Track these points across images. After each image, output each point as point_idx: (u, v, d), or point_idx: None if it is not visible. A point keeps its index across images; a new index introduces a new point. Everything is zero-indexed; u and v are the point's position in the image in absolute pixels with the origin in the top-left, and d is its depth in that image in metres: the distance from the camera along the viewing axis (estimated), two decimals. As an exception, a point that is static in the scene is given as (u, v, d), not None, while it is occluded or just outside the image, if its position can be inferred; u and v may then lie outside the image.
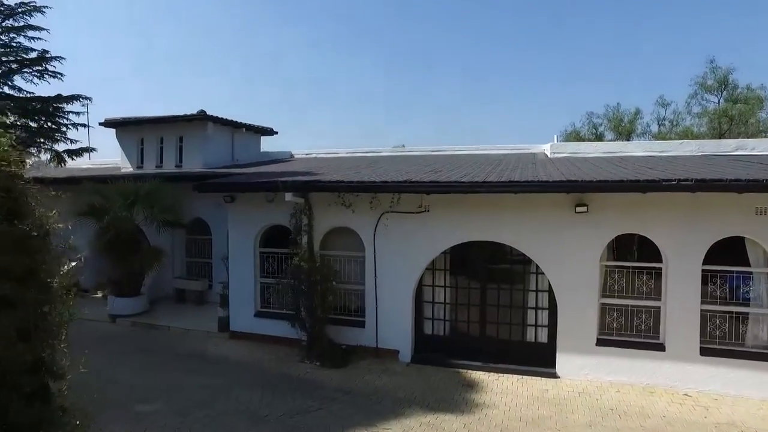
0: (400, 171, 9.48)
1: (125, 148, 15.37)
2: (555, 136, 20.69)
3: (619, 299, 8.02)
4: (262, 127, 16.97)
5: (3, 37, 27.47)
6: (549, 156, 11.59)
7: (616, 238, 7.95)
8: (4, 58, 27.23)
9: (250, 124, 16.31)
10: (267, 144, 17.53)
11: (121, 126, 15.37)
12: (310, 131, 71.80)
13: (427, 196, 8.43)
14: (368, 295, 9.01)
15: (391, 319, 8.85)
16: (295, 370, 8.31)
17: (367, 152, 14.98)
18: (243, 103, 77.39)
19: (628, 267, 8.07)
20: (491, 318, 8.74)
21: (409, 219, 8.67)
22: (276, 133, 17.50)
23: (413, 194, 8.48)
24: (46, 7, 14.45)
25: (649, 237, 7.72)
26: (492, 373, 8.14)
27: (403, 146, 19.01)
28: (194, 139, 14.48)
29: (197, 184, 9.55)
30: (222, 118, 14.93)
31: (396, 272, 8.80)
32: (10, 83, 28.03)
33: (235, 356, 8.95)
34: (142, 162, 15.15)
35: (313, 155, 15.59)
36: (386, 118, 75.51)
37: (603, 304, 8.03)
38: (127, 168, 15.05)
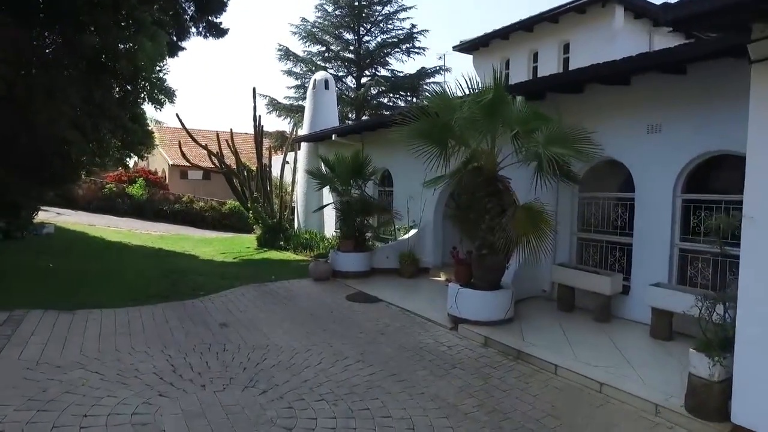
0: None
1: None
2: None
3: None
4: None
5: (381, 25, 28.39)
6: None
7: None
8: (382, 45, 27.99)
9: (680, 19, 9.57)
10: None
11: (481, 47, 11.09)
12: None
13: None
14: None
15: None
16: None
17: None
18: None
19: None
20: None
21: None
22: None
23: None
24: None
25: None
26: None
27: None
28: (589, 44, 8.82)
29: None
30: (641, 3, 8.76)
31: None
32: (383, 65, 28.73)
33: None
34: (506, 94, 10.51)
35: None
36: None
37: None
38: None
